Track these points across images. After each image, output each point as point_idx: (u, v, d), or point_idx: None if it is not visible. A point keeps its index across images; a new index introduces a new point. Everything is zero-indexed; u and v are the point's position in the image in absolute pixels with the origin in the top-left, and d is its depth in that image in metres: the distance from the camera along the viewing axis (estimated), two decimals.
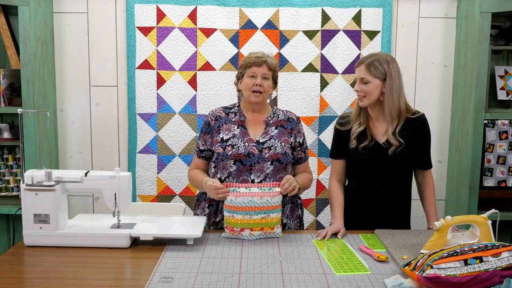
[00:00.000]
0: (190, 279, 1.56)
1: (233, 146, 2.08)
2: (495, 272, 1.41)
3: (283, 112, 2.23)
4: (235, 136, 2.11)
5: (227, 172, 2.07)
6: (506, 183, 2.91)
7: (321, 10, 3.02)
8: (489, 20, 2.73)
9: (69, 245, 1.84)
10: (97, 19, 3.07)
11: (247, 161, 2.06)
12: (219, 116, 2.17)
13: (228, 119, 2.16)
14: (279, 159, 2.08)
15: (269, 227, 1.95)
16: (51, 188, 1.83)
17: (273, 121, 2.18)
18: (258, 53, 2.14)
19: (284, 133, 2.15)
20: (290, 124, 2.19)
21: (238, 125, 2.14)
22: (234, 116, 2.17)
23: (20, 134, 2.04)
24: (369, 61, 2.06)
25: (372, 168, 2.11)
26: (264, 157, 2.07)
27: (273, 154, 2.08)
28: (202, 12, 3.02)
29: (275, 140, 2.12)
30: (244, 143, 2.09)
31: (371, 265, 1.68)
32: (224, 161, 2.07)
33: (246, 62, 2.12)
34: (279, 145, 2.10)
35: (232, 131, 2.12)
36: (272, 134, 2.13)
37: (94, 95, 3.13)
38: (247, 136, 2.12)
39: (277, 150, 2.09)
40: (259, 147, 2.08)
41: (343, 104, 3.08)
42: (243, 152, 2.06)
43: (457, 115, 3.00)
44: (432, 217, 2.16)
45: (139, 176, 3.11)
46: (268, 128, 2.16)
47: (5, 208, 2.91)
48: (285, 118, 2.20)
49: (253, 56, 2.12)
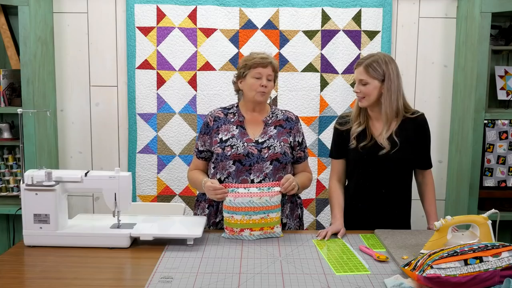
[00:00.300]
0: (190, 279, 1.56)
1: (232, 147, 2.08)
2: (495, 272, 1.41)
3: (282, 112, 2.23)
4: (234, 137, 2.11)
5: (226, 173, 2.07)
6: (506, 183, 2.91)
7: (321, 10, 3.02)
8: (489, 20, 2.73)
9: (69, 245, 1.84)
10: (97, 19, 3.07)
11: (246, 161, 2.06)
12: (218, 116, 2.17)
13: (227, 119, 2.16)
14: (278, 159, 2.08)
15: (269, 227, 1.95)
16: (51, 188, 1.83)
17: (272, 121, 2.18)
18: (262, 54, 2.13)
19: (283, 132, 2.16)
20: (289, 123, 2.19)
21: (237, 126, 2.14)
22: (233, 116, 2.17)
23: (20, 134, 2.04)
24: (367, 62, 2.06)
25: (372, 168, 2.11)
26: (263, 157, 2.07)
27: (272, 154, 2.08)
28: (202, 12, 3.02)
29: (274, 139, 2.12)
30: (243, 143, 2.09)
31: (371, 265, 1.68)
32: (223, 161, 2.07)
33: (250, 62, 2.10)
34: (278, 145, 2.10)
35: (231, 132, 2.12)
36: (271, 134, 2.13)
37: (94, 95, 3.13)
38: (246, 136, 2.12)
39: (276, 150, 2.09)
40: (258, 147, 2.08)
41: (343, 104, 3.08)
42: (242, 152, 2.06)
43: (457, 115, 3.00)
44: (432, 217, 2.16)
45: (139, 176, 3.11)
46: (267, 128, 2.16)
47: (5, 208, 2.91)
48: (284, 118, 2.20)
49: (258, 57, 2.10)
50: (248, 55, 2.18)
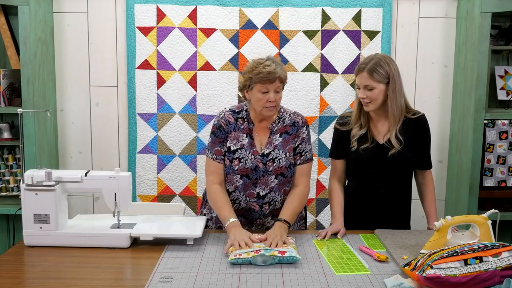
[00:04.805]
0: (190, 279, 1.56)
1: (240, 160, 2.02)
2: (495, 272, 1.41)
3: (289, 116, 2.10)
4: (243, 148, 2.04)
5: (233, 186, 2.06)
6: (506, 183, 2.91)
7: (321, 10, 3.02)
8: (489, 20, 2.73)
9: (69, 245, 1.84)
10: (97, 19, 3.07)
11: (253, 175, 2.03)
12: (228, 121, 2.06)
13: (237, 125, 2.06)
14: (283, 173, 2.05)
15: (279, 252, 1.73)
16: (51, 188, 1.83)
17: (278, 128, 2.08)
18: (268, 67, 1.93)
19: (288, 140, 2.07)
20: (294, 128, 2.09)
21: (247, 134, 2.05)
22: (243, 122, 2.07)
23: (20, 134, 2.04)
24: (370, 66, 2.01)
25: (372, 169, 2.11)
26: (268, 170, 2.03)
27: (277, 168, 2.03)
28: (202, 12, 3.02)
29: (279, 150, 2.04)
30: (251, 155, 2.03)
31: (371, 265, 1.68)
32: (230, 174, 2.04)
33: (257, 77, 1.93)
34: (283, 157, 2.04)
35: (240, 141, 2.04)
36: (276, 144, 2.05)
37: (94, 95, 3.12)
38: (254, 148, 2.05)
39: (281, 163, 2.03)
40: (263, 160, 2.03)
41: (343, 104, 3.08)
42: (250, 166, 2.02)
43: (457, 115, 3.00)
44: (432, 217, 2.16)
45: (139, 176, 3.11)
46: (272, 136, 2.07)
47: (5, 208, 2.91)
48: (290, 123, 2.09)
49: (265, 71, 1.91)
50: (253, 65, 1.97)
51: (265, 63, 1.95)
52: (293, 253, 1.70)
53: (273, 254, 1.68)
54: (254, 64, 1.97)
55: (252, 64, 1.98)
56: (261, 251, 1.70)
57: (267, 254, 1.68)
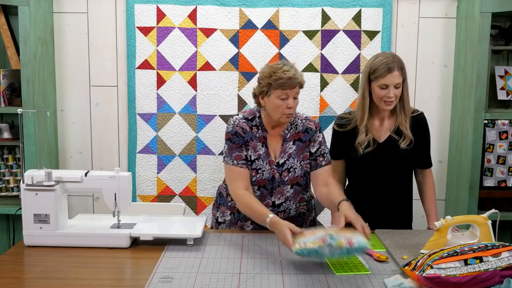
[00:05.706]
0: (190, 279, 1.56)
1: (258, 171, 1.99)
2: (495, 272, 1.41)
3: (302, 122, 2.06)
4: (260, 158, 2.00)
5: None
6: (506, 183, 2.91)
7: (321, 10, 3.02)
8: (489, 20, 2.73)
9: (69, 245, 1.83)
10: (97, 19, 3.07)
11: (269, 185, 2.02)
12: (244, 129, 2.00)
13: (252, 134, 2.00)
14: (299, 182, 2.04)
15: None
16: (51, 188, 1.83)
17: (291, 135, 2.03)
18: (288, 72, 1.87)
19: (302, 148, 2.04)
20: (308, 135, 2.05)
21: (262, 143, 2.01)
22: (257, 130, 2.01)
23: (20, 134, 2.03)
24: (397, 64, 2.00)
25: (372, 168, 2.11)
26: (283, 180, 2.02)
27: (293, 177, 2.02)
28: (202, 12, 3.02)
29: (293, 159, 2.02)
30: (267, 165, 2.00)
31: (371, 265, 1.68)
32: None
33: (276, 83, 1.87)
34: (298, 166, 2.02)
35: (257, 151, 2.00)
36: (290, 152, 2.02)
37: (94, 95, 3.12)
38: (269, 157, 2.01)
39: (296, 172, 2.02)
40: (279, 170, 2.01)
41: (343, 104, 3.08)
42: (267, 177, 2.00)
43: (457, 115, 3.00)
44: (432, 216, 2.16)
45: (139, 176, 3.11)
46: (285, 144, 2.03)
47: (5, 208, 2.91)
48: (303, 129, 2.05)
49: (286, 77, 1.86)
50: (271, 70, 1.90)
51: (284, 68, 1.89)
52: (361, 240, 1.61)
53: (341, 244, 1.58)
54: (272, 69, 1.90)
55: (270, 70, 1.91)
56: (327, 238, 1.59)
57: (334, 244, 1.58)
